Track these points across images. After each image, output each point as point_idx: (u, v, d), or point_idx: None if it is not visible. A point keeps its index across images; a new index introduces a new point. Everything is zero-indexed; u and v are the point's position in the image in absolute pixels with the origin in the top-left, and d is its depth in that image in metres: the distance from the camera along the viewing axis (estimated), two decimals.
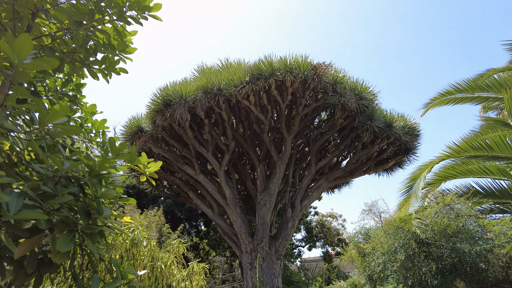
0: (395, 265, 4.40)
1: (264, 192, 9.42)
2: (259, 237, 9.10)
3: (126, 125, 8.94)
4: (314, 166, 9.58)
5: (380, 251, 4.78)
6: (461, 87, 5.21)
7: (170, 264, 3.61)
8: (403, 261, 4.26)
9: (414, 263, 4.36)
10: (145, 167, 1.93)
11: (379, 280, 4.70)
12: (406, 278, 4.36)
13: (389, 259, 4.57)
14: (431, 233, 4.58)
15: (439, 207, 4.55)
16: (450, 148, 4.76)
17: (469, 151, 4.60)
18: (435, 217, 4.54)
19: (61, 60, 2.05)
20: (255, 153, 9.81)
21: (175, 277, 3.55)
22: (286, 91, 8.07)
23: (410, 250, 4.48)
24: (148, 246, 3.46)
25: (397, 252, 4.57)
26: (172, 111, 7.92)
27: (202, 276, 4.19)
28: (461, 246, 4.03)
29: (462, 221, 4.25)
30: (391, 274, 4.49)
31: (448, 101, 5.44)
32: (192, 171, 9.50)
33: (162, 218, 12.86)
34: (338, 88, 8.21)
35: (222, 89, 7.75)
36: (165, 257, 3.67)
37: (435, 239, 4.52)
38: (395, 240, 4.67)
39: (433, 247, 4.35)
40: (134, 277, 1.53)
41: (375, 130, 8.42)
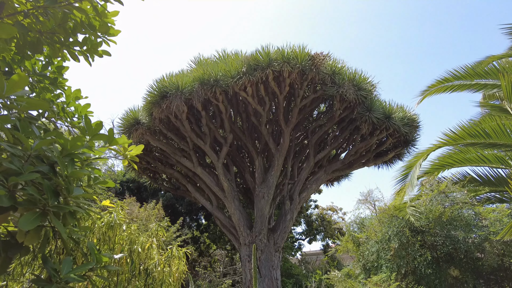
0: (388, 254, 4.35)
1: (262, 185, 9.38)
2: (258, 229, 9.08)
3: (123, 117, 8.89)
4: (313, 159, 9.53)
5: (374, 240, 4.72)
6: (459, 74, 5.09)
7: (148, 247, 3.52)
8: (397, 249, 4.20)
9: (408, 252, 4.29)
10: (126, 149, 1.88)
11: (373, 269, 4.66)
12: (400, 266, 4.31)
13: (382, 247, 4.50)
14: (425, 221, 4.51)
15: (434, 194, 4.47)
16: (447, 135, 4.66)
17: (466, 138, 4.50)
18: (430, 204, 4.47)
19: (38, 40, 1.98)
20: (253, 145, 9.76)
21: (153, 260, 3.46)
22: (284, 82, 7.99)
23: (404, 238, 4.41)
24: (128, 230, 3.38)
25: (391, 241, 4.54)
26: (169, 103, 7.86)
27: (183, 261, 4.12)
28: (456, 234, 3.97)
29: (457, 208, 4.19)
30: (384, 263, 4.45)
31: (445, 89, 5.32)
32: (190, 164, 9.46)
33: (161, 211, 12.86)
34: (336, 79, 8.12)
35: (218, 80, 7.67)
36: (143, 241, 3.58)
37: (430, 227, 4.47)
38: (389, 228, 4.61)
39: (427, 235, 4.32)
40: (109, 260, 1.49)
41: (374, 122, 8.34)
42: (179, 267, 3.92)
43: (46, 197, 1.15)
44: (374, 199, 5.10)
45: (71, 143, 1.37)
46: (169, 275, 3.67)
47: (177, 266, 3.88)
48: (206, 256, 22.05)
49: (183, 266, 3.98)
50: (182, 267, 3.97)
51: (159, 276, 3.45)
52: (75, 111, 2.31)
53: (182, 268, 3.97)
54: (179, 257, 3.95)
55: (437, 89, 5.28)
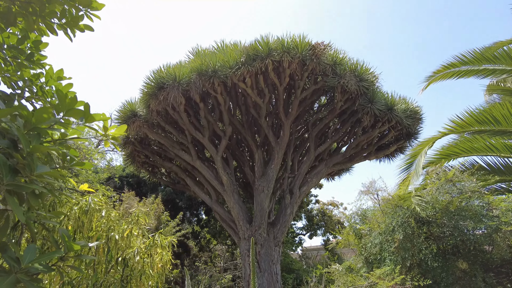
0: (392, 246, 4.15)
1: (262, 178, 9.22)
2: (257, 223, 8.94)
3: (120, 109, 8.72)
4: (313, 152, 9.35)
5: (377, 231, 4.53)
6: (466, 59, 4.87)
7: (127, 235, 3.24)
8: (401, 241, 4.00)
9: (413, 243, 4.08)
10: (106, 129, 1.71)
11: (376, 262, 4.48)
12: (404, 259, 4.08)
13: (386, 239, 4.29)
14: (432, 211, 4.25)
15: (441, 183, 4.26)
16: (454, 122, 4.46)
17: (474, 125, 4.30)
18: (437, 193, 4.27)
19: (9, 10, 1.81)
20: (253, 138, 9.58)
21: (131, 249, 3.18)
22: (283, 73, 7.80)
23: (409, 229, 4.18)
24: (107, 216, 3.13)
25: (395, 232, 4.31)
26: (166, 94, 7.68)
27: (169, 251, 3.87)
28: (465, 224, 3.79)
29: (466, 197, 3.99)
30: (388, 256, 4.27)
31: (452, 74, 5.10)
32: (188, 157, 9.30)
33: (160, 205, 12.75)
34: (337, 69, 7.92)
35: (217, 71, 7.48)
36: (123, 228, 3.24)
37: (436, 217, 4.22)
38: (393, 219, 4.47)
39: (434, 226, 4.14)
40: (82, 248, 1.34)
41: (376, 113, 8.15)
42: (163, 257, 3.65)
43: (1, 174, 0.99)
44: (377, 189, 4.89)
45: (37, 115, 1.20)
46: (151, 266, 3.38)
47: (161, 256, 3.61)
48: (206, 251, 22.00)
49: (168, 256, 3.69)
50: (167, 257, 3.69)
51: (138, 266, 3.18)
52: (55, 91, 2.14)
53: (167, 258, 3.70)
54: (163, 246, 3.65)
55: (442, 75, 5.05)
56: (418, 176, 4.24)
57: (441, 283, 3.85)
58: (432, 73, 5.28)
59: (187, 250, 21.46)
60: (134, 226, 3.27)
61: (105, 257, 2.91)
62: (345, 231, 5.31)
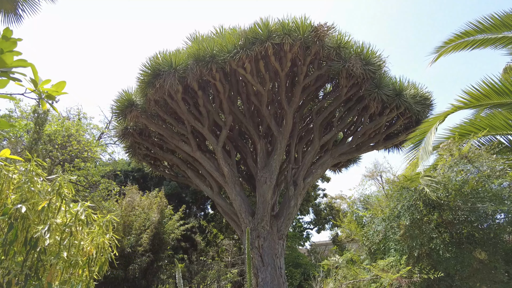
0: (398, 234, 3.72)
1: (264, 169, 8.88)
2: (260, 215, 8.62)
3: (117, 99, 8.46)
4: (318, 141, 8.96)
5: (380, 217, 4.08)
6: (482, 26, 4.34)
7: (43, 209, 2.62)
8: (408, 227, 3.48)
9: (422, 230, 3.59)
10: (36, 83, 1.39)
11: (379, 252, 4.06)
12: (412, 248, 3.59)
13: (390, 226, 3.80)
14: (443, 192, 3.70)
15: (454, 159, 3.77)
16: (469, 93, 3.95)
17: (492, 98, 3.82)
18: (449, 172, 3.72)
19: None
20: (255, 128, 9.23)
21: (42, 226, 2.51)
22: (285, 58, 7.41)
23: (417, 214, 3.65)
24: (26, 188, 2.53)
25: (400, 217, 3.78)
26: (162, 82, 7.38)
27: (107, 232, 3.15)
28: (483, 207, 3.29)
29: (485, 175, 3.52)
30: (393, 245, 3.85)
31: (465, 45, 4.56)
32: (188, 148, 9.02)
33: (163, 199, 12.53)
34: (342, 53, 7.51)
35: (214, 56, 7.14)
36: (35, 200, 2.51)
37: (449, 200, 3.65)
38: (398, 202, 3.92)
39: (446, 209, 3.63)
40: None
41: (383, 99, 7.71)
42: (96, 240, 2.88)
43: None
44: (380, 170, 4.43)
45: None
46: (75, 250, 2.70)
47: (92, 237, 2.95)
48: (213, 245, 21.85)
49: (104, 238, 3.03)
50: (103, 239, 2.95)
51: (53, 249, 2.55)
52: None
53: (103, 240, 2.93)
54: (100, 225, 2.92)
55: (455, 45, 4.55)
56: (427, 155, 3.77)
57: (455, 276, 3.44)
58: (443, 43, 4.76)
59: (194, 245, 21.34)
60: (53, 197, 2.64)
61: (4, 236, 2.32)
62: (347, 219, 4.89)
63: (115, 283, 10.32)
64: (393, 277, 3.18)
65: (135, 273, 10.52)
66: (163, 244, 11.97)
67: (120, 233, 11.09)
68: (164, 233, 12.05)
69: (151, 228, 11.52)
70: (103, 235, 2.80)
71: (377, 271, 3.37)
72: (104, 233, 2.85)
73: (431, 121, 4.14)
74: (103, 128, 13.14)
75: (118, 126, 9.44)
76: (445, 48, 4.64)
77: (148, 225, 11.66)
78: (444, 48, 4.64)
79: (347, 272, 4.06)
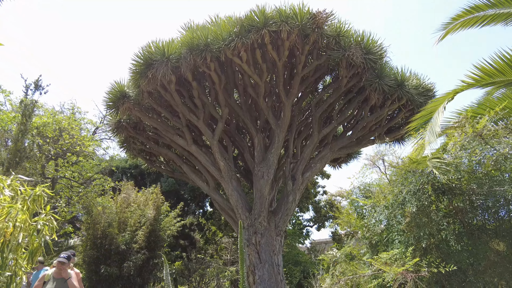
0: (402, 223, 3.37)
1: (261, 164, 8.60)
2: (257, 211, 8.35)
3: (109, 91, 8.18)
4: (317, 135, 8.67)
5: (382, 204, 3.71)
6: (494, 0, 3.99)
7: None
8: (414, 215, 3.15)
9: (431, 218, 3.18)
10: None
11: (382, 245, 3.70)
12: (419, 239, 3.15)
13: (394, 214, 3.42)
14: (455, 175, 3.24)
15: (467, 138, 3.40)
16: (481, 69, 3.61)
17: (508, 74, 3.48)
18: (461, 151, 3.32)
19: None
20: (252, 122, 8.94)
21: None
22: (282, 46, 7.12)
23: (425, 200, 3.22)
24: None
25: (405, 204, 3.31)
26: (155, 72, 7.10)
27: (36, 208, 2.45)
28: (501, 190, 2.91)
29: (503, 154, 3.01)
30: (397, 236, 3.49)
31: (475, 21, 4.17)
32: (183, 142, 8.74)
33: (159, 195, 12.27)
34: (342, 42, 7.22)
35: (208, 45, 6.86)
36: None
37: (461, 183, 3.22)
38: (404, 187, 3.47)
39: (458, 194, 3.20)
40: None
41: (385, 90, 7.43)
42: (16, 218, 2.17)
43: None
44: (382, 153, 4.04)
45: None
46: None
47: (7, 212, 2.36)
48: (212, 243, 21.64)
49: (26, 216, 2.39)
50: (24, 216, 2.22)
51: None
52: None
53: (25, 218, 2.24)
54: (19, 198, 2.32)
55: (463, 22, 4.17)
56: (435, 136, 3.44)
57: (468, 271, 3.05)
58: (450, 19, 4.40)
59: (192, 242, 21.11)
60: None
61: None
62: (345, 210, 4.56)
63: (109, 280, 10.07)
64: (398, 271, 2.84)
65: (130, 271, 10.27)
66: (159, 241, 11.71)
67: (115, 230, 10.85)
68: (160, 230, 11.80)
69: (147, 225, 11.28)
70: (26, 212, 2.27)
71: (379, 265, 3.03)
72: (30, 210, 2.32)
73: (439, 100, 3.82)
74: (97, 123, 12.87)
75: (111, 120, 9.17)
76: (453, 24, 4.31)
77: (143, 221, 11.41)
78: (451, 25, 4.31)
79: (346, 267, 3.73)
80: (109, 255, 10.34)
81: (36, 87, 6.73)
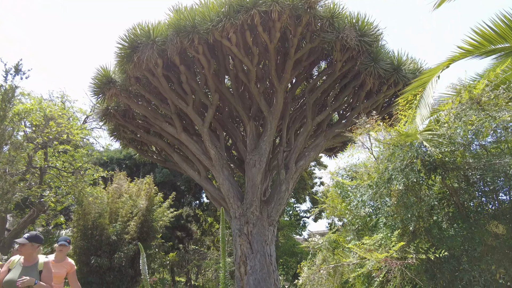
0: (389, 203, 3.05)
1: (253, 152, 8.35)
2: (249, 200, 8.12)
3: (95, 76, 7.87)
4: (311, 122, 8.40)
5: (366, 183, 3.38)
6: None
7: None
8: (402, 193, 2.81)
9: (420, 198, 2.82)
10: None
11: (367, 229, 3.37)
12: (406, 221, 2.81)
13: (380, 194, 3.09)
14: (449, 147, 2.87)
15: (463, 105, 3.03)
16: (480, 34, 3.25)
17: (510, 39, 3.16)
18: (456, 123, 2.89)
19: None
20: (244, 109, 8.66)
21: None
22: (274, 28, 6.81)
23: (413, 176, 2.84)
24: None
25: (392, 181, 2.95)
26: (140, 55, 6.80)
27: None
28: (502, 163, 2.53)
29: (503, 121, 2.65)
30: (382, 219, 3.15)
31: None
32: (172, 130, 8.46)
33: (152, 186, 12.02)
34: (336, 23, 6.91)
35: (196, 26, 6.54)
36: None
37: (456, 157, 2.88)
38: (390, 163, 3.09)
39: (452, 169, 2.81)
40: None
41: (381, 74, 7.14)
42: None
43: None
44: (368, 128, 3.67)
45: None
46: None
47: None
48: (209, 235, 21.51)
49: None
50: None
51: None
52: None
53: None
54: None
55: None
56: (428, 108, 3.13)
57: (462, 257, 2.69)
58: None
59: (189, 234, 20.99)
60: None
61: None
62: (330, 193, 4.29)
63: (99, 272, 9.88)
64: (380, 257, 2.54)
65: (122, 262, 10.08)
66: (152, 232, 11.50)
67: (106, 220, 10.64)
68: (153, 221, 11.59)
69: (139, 216, 11.06)
70: None
71: (361, 252, 2.73)
72: None
73: (433, 70, 3.52)
74: (87, 111, 12.57)
75: (98, 107, 8.88)
76: None
77: (135, 212, 11.19)
78: None
79: (329, 255, 3.43)
80: (99, 246, 10.15)
81: (16, 71, 6.44)
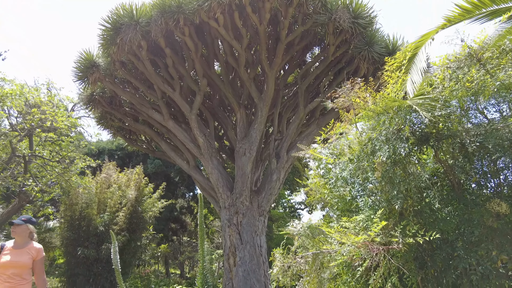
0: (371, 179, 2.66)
1: (244, 140, 8.07)
2: (238, 190, 7.87)
3: (78, 60, 7.52)
4: (303, 109, 8.12)
5: (347, 157, 2.85)
6: None
7: None
8: (388, 167, 2.37)
9: (408, 171, 2.40)
10: None
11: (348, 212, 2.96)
12: (392, 200, 2.39)
13: (362, 170, 2.60)
14: (444, 112, 2.40)
15: (460, 62, 2.45)
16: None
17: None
18: (452, 82, 2.45)
19: None
20: (234, 96, 8.35)
21: None
22: (263, 8, 6.48)
23: (401, 146, 2.43)
24: None
25: (375, 153, 2.48)
26: (123, 36, 6.46)
27: None
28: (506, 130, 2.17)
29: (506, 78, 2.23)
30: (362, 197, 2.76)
31: None
32: (159, 117, 8.16)
33: (142, 176, 11.74)
34: (328, 5, 6.59)
35: (181, 6, 6.20)
36: None
37: (452, 121, 2.43)
38: (374, 131, 2.63)
39: (446, 137, 2.35)
40: None
41: (375, 58, 6.84)
42: None
43: None
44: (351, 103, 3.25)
45: None
46: None
47: None
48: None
49: None
50: None
51: None
52: None
53: None
54: None
55: None
56: (419, 73, 2.82)
57: (457, 242, 2.30)
58: None
59: (183, 226, 20.80)
60: None
61: None
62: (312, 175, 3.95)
63: (86, 263, 9.64)
64: (358, 240, 2.13)
65: (109, 253, 9.83)
66: (141, 222, 11.26)
67: (94, 211, 10.37)
68: (143, 212, 11.33)
69: (128, 206, 10.79)
70: None
71: (337, 236, 2.36)
72: None
73: (426, 34, 3.24)
74: (74, 99, 12.18)
75: (82, 93, 8.54)
76: None
77: (124, 202, 10.92)
78: None
79: (308, 242, 3.10)
80: (87, 237, 9.89)
81: None
